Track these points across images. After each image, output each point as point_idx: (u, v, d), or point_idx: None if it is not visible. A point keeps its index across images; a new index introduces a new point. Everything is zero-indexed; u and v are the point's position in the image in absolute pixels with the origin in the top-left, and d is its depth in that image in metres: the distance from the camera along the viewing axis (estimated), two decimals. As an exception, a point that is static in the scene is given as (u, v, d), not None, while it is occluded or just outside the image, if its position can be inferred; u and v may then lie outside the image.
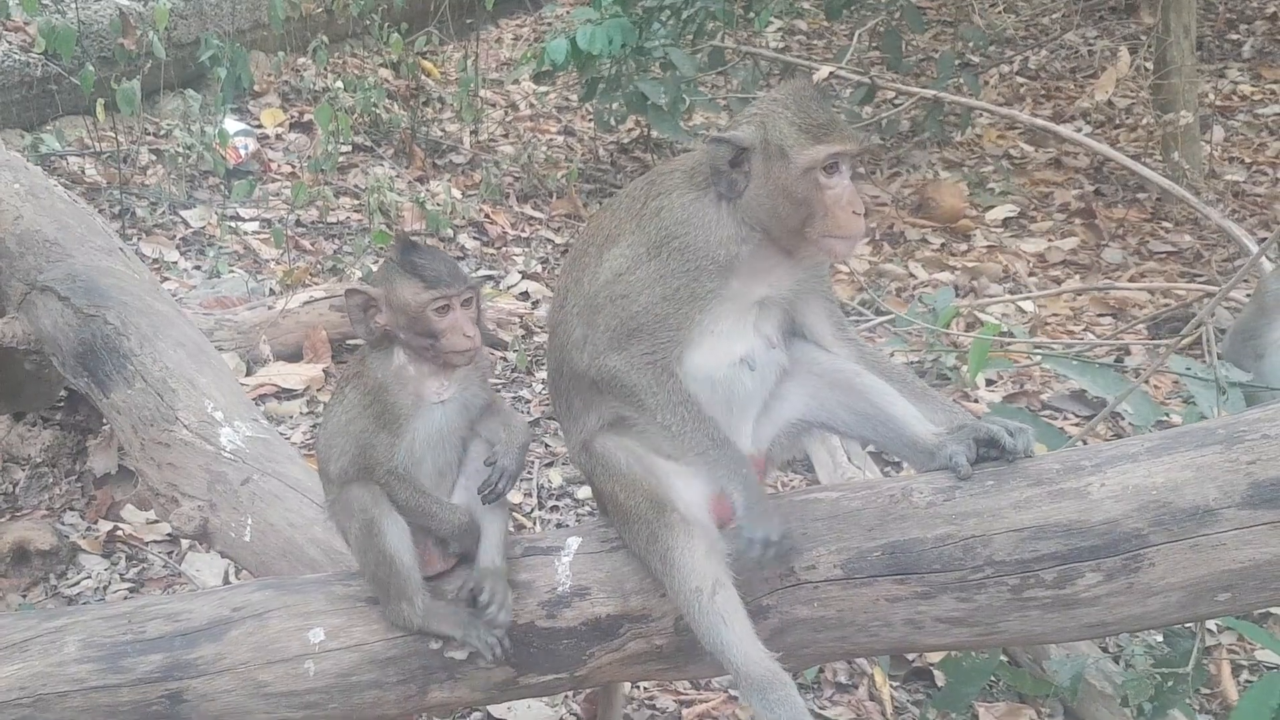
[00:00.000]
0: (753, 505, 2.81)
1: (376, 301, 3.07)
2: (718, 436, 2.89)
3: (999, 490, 2.78)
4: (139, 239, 7.25)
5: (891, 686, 4.59)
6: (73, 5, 8.06)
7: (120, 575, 4.84)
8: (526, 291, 7.44)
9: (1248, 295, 6.61)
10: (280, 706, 3.08)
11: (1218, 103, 10.96)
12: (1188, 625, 3.88)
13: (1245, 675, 4.71)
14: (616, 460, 3.03)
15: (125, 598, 4.62)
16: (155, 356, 4.20)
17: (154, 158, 8.24)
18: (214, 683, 3.05)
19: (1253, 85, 11.43)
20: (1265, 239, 7.17)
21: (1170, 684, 3.90)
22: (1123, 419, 5.72)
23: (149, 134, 8.49)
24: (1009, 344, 5.72)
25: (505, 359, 6.55)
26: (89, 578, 4.80)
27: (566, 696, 4.40)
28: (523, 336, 6.76)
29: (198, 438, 4.03)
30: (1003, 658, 4.19)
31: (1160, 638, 4.26)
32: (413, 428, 3.09)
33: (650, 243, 2.95)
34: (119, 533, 5.04)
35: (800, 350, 3.13)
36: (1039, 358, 5.84)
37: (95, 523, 5.13)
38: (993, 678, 4.32)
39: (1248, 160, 10.01)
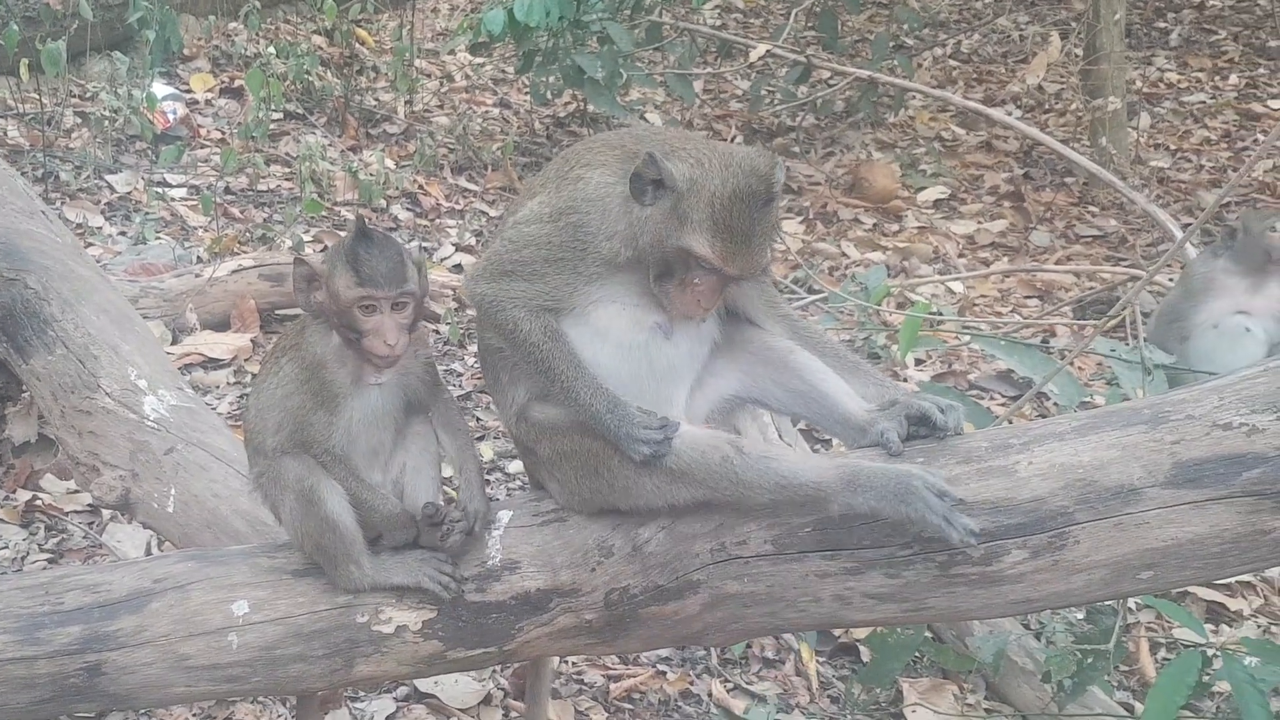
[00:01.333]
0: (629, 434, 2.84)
1: (319, 279, 3.01)
2: (591, 382, 2.90)
3: (928, 467, 2.79)
4: (63, 203, 7.10)
5: (818, 662, 4.62)
6: (-5, -38, 7.86)
7: (39, 546, 4.74)
8: (460, 264, 7.39)
9: (1171, 280, 6.73)
10: (202, 680, 3.03)
11: (1145, 90, 11.12)
12: (1109, 603, 3.94)
13: (1163, 653, 4.80)
14: (559, 418, 3.01)
15: (44, 569, 4.53)
16: (77, 322, 4.12)
17: (79, 120, 8.06)
18: (134, 655, 3.00)
19: (1179, 73, 11.61)
20: (1190, 225, 7.30)
21: (1090, 661, 3.97)
22: (1048, 399, 5.81)
23: (74, 96, 8.30)
24: (939, 323, 5.77)
25: (438, 332, 6.50)
26: (6, 548, 4.70)
27: (495, 671, 4.39)
28: (455, 309, 6.71)
29: (120, 406, 3.96)
30: (927, 634, 4.24)
31: (1081, 615, 4.33)
32: (350, 407, 3.04)
33: (556, 206, 2.94)
34: (38, 502, 4.94)
35: (734, 327, 3.12)
36: (968, 338, 5.90)
37: (13, 492, 5.02)
38: (917, 654, 4.37)
39: (1173, 147, 10.17)
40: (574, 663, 4.51)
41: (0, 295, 4.18)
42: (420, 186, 8.25)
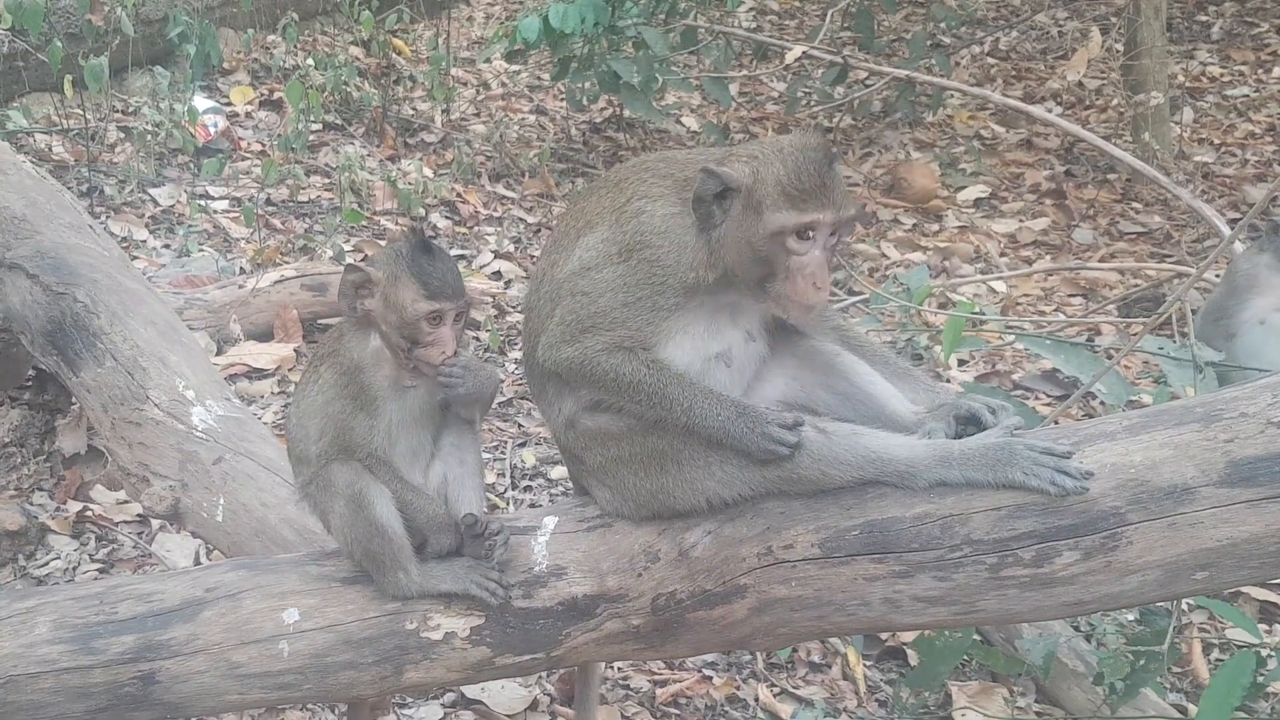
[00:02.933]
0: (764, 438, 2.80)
1: (373, 287, 3.03)
2: (711, 396, 2.85)
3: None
4: (107, 217, 7.17)
5: (865, 666, 4.60)
6: (39, -20, 7.94)
7: (90, 556, 4.79)
8: (499, 271, 7.42)
9: (1217, 276, 6.65)
10: (254, 687, 3.05)
11: (1187, 84, 11.01)
12: (1163, 604, 3.90)
13: (1216, 654, 4.74)
14: (612, 425, 3.00)
15: (95, 578, 4.57)
16: (125, 334, 4.16)
17: (122, 135, 8.15)
18: (187, 664, 3.03)
19: (1222, 67, 11.49)
20: (1236, 220, 7.22)
21: (1143, 662, 3.93)
22: (1095, 398, 5.76)
23: (117, 111, 8.39)
24: (982, 323, 5.73)
25: (478, 339, 6.53)
26: (58, 558, 4.75)
27: (541, 676, 4.40)
28: (495, 316, 6.75)
29: (169, 417, 4.00)
30: (976, 637, 4.21)
31: (1133, 616, 4.29)
32: (389, 409, 3.07)
33: (623, 244, 2.90)
34: (88, 513, 4.99)
35: (781, 334, 3.10)
36: (1012, 337, 5.85)
37: (64, 503, 5.07)
38: (966, 656, 4.33)
39: (1216, 141, 10.07)
40: (620, 668, 4.50)
41: (50, 309, 4.23)
42: (458, 194, 8.28)
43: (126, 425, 4.02)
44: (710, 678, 4.52)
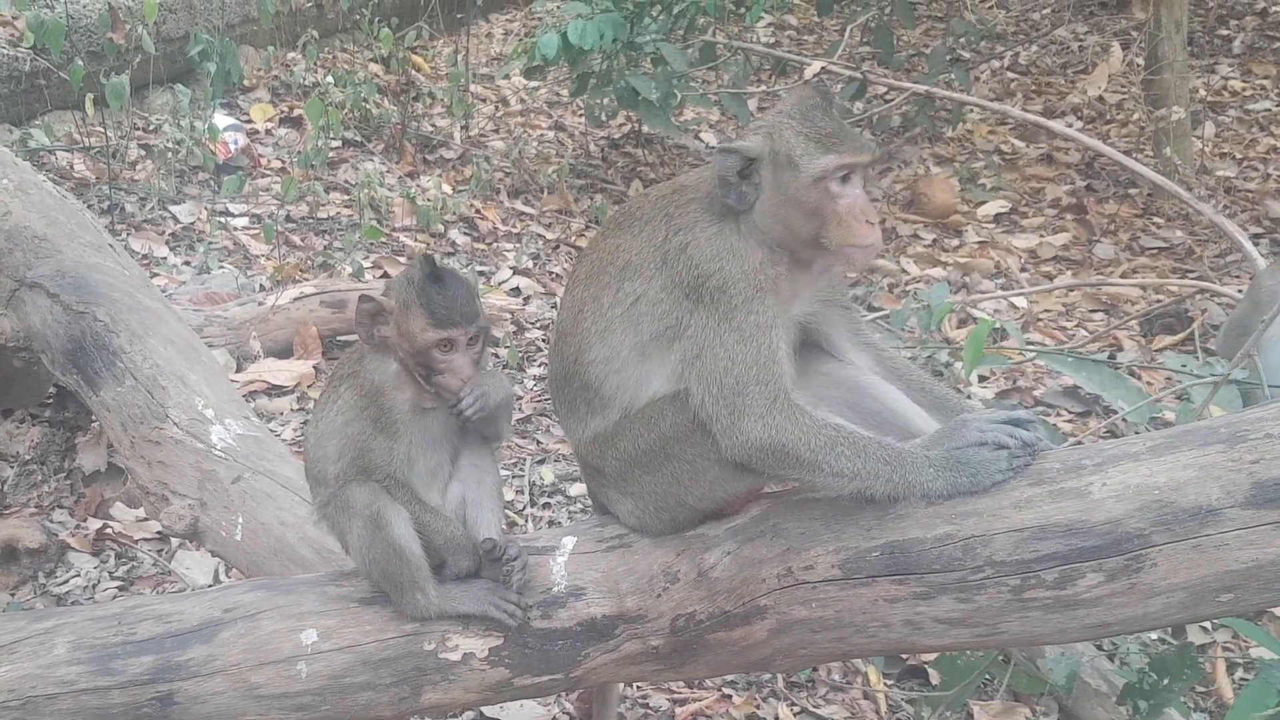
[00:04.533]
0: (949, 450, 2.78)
1: (387, 316, 3.04)
2: (874, 451, 2.79)
3: (1000, 489, 2.74)
4: (128, 235, 7.19)
5: (886, 685, 4.57)
6: (61, 0, 8.00)
7: (110, 574, 4.80)
8: (518, 287, 7.42)
9: (1240, 292, 6.61)
10: (272, 709, 3.05)
11: (1208, 98, 10.96)
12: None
13: (1240, 673, 4.70)
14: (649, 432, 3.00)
15: (115, 596, 4.58)
16: (145, 354, 4.17)
17: (143, 153, 8.18)
18: (205, 685, 3.03)
19: (1243, 81, 11.43)
20: (1259, 235, 7.18)
21: (1166, 682, 3.89)
22: (1113, 412, 5.72)
23: (138, 129, 8.42)
24: (1003, 340, 5.70)
25: (497, 355, 6.52)
26: (78, 576, 4.76)
27: (560, 696, 4.38)
28: (514, 333, 6.74)
29: (188, 435, 4.00)
30: (998, 656, 4.18)
31: (1155, 635, 4.25)
32: (408, 431, 3.06)
33: (686, 286, 2.89)
34: (108, 531, 5.00)
35: (809, 353, 3.10)
36: (1032, 354, 5.83)
37: (84, 521, 5.08)
38: (988, 676, 4.30)
39: (1239, 156, 10.01)
40: (639, 687, 4.49)
41: (70, 328, 4.24)
42: (477, 210, 8.29)
43: (146, 444, 4.02)
44: (730, 696, 4.50)
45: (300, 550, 3.73)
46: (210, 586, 4.19)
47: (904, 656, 4.69)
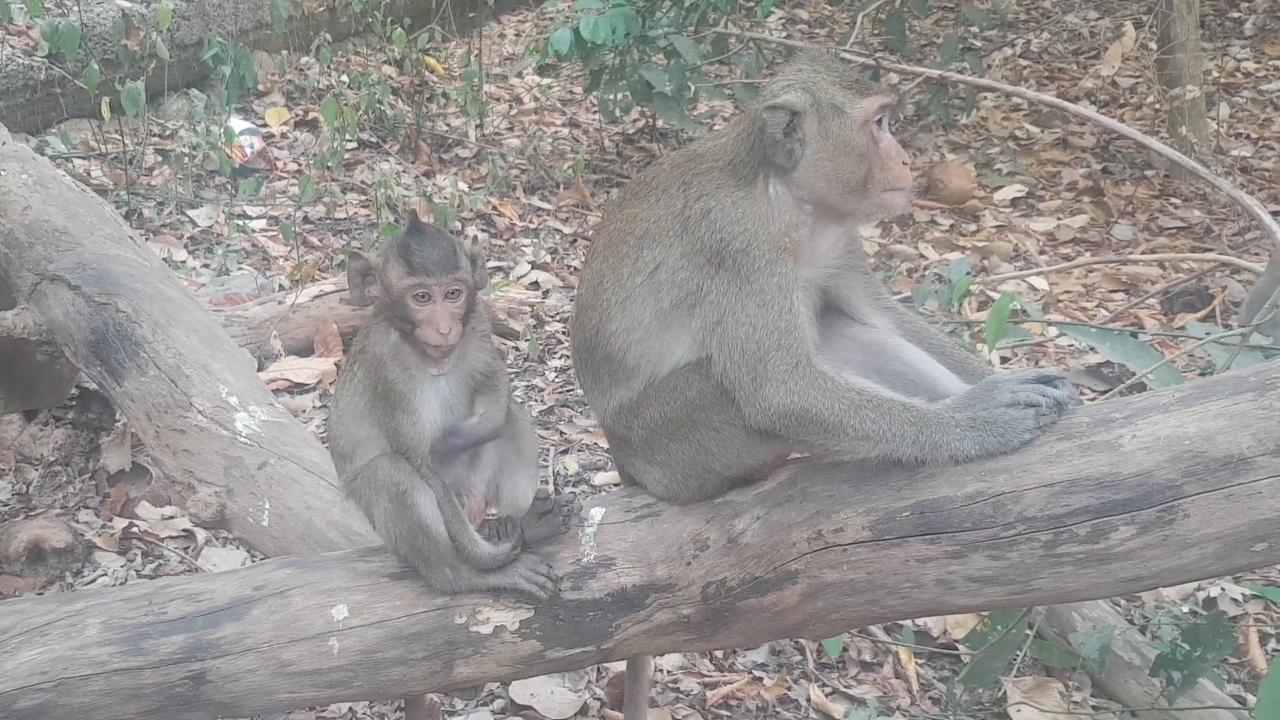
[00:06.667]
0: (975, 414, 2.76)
1: (375, 274, 3.04)
2: (899, 413, 2.77)
3: (1029, 445, 2.73)
4: (147, 239, 7.21)
5: (917, 663, 4.55)
6: (75, 7, 8.04)
7: (136, 571, 4.81)
8: (536, 281, 7.43)
9: (1261, 266, 6.56)
10: (305, 685, 3.05)
11: (1222, 80, 10.92)
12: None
13: (1273, 644, 4.67)
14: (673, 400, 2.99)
15: (144, 591, 4.59)
16: (168, 343, 4.17)
17: (159, 158, 8.23)
18: (237, 663, 3.03)
19: (1256, 62, 11.40)
20: (1277, 212, 7.13)
21: (1199, 652, 3.86)
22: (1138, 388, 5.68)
23: (154, 135, 8.47)
24: (1022, 320, 5.68)
25: (517, 349, 6.53)
26: (105, 574, 4.76)
27: (590, 681, 4.37)
28: (534, 326, 6.74)
29: (213, 423, 4.01)
30: (1028, 631, 4.15)
31: (1188, 608, 4.22)
32: (420, 401, 3.04)
33: (707, 251, 2.87)
34: (134, 529, 5.01)
35: (832, 317, 3.09)
36: (1055, 331, 5.79)
37: (110, 520, 5.09)
38: (1019, 651, 4.27)
39: (1254, 136, 9.98)
40: (670, 670, 4.47)
41: (93, 320, 4.25)
42: (494, 207, 8.30)
43: (171, 433, 4.03)
44: (761, 679, 4.48)
45: (328, 534, 3.73)
46: (239, 567, 4.18)
47: (934, 634, 4.67)
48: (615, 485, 3.37)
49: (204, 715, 3.08)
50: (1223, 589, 4.94)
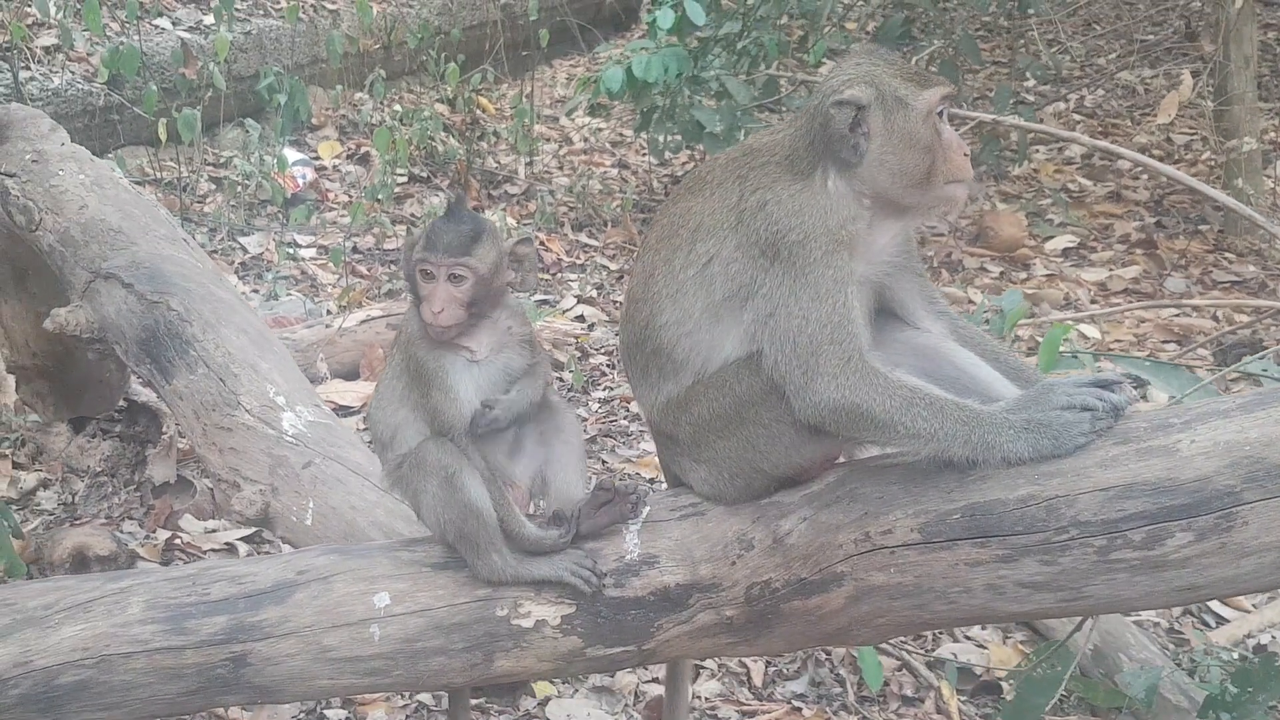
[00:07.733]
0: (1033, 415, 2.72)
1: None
2: (952, 411, 2.74)
3: (1084, 449, 2.69)
4: (199, 261, 7.31)
5: (959, 700, 4.47)
6: (137, 34, 8.20)
7: (178, 580, 4.82)
8: (582, 315, 7.46)
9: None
10: (345, 672, 3.02)
11: (1278, 138, 10.84)
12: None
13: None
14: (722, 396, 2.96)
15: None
16: (218, 342, 4.20)
17: (213, 186, 8.34)
18: (278, 646, 3.01)
19: (1313, 122, 11.30)
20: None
21: (1249, 692, 3.76)
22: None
23: (208, 164, 8.59)
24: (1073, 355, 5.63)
25: (562, 379, 6.54)
26: (147, 582, 4.77)
27: (628, 705, 4.33)
28: (579, 358, 6.75)
29: (260, 422, 4.02)
30: (1074, 670, 4.07)
31: (1235, 655, 4.13)
32: (458, 384, 3.03)
33: (762, 244, 2.86)
34: (177, 540, 5.04)
35: (885, 321, 3.06)
36: (1108, 361, 5.73)
37: (153, 531, 5.13)
38: (1064, 691, 4.18)
39: (1311, 193, 9.87)
40: (708, 697, 4.43)
41: (144, 318, 4.29)
42: (541, 243, 8.35)
43: (218, 431, 4.05)
44: (800, 709, 4.42)
45: (370, 534, 3.72)
46: (283, 552, 4.18)
47: (977, 672, 4.60)
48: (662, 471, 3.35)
49: (243, 698, 3.07)
50: (1274, 636, 4.85)
